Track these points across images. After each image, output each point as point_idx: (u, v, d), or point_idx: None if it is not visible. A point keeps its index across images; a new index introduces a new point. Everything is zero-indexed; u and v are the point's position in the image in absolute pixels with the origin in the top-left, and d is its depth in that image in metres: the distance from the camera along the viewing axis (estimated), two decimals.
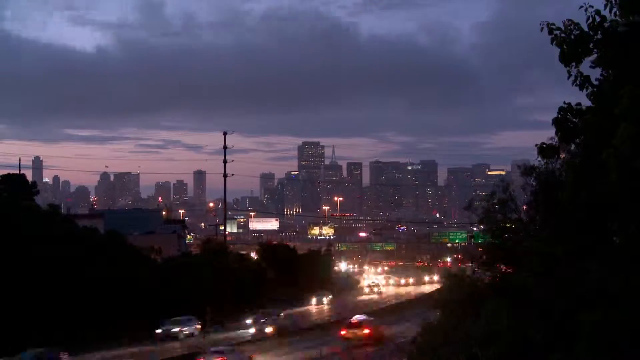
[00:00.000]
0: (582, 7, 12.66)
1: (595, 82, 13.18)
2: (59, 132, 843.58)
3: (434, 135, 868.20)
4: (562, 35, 12.75)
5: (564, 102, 13.75)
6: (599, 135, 12.83)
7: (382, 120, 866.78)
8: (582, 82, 12.93)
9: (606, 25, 12.56)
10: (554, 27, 12.89)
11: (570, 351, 16.06)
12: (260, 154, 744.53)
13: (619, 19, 12.57)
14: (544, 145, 14.79)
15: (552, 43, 12.86)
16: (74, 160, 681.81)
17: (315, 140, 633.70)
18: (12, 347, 52.22)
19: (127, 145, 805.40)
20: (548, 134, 15.27)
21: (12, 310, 56.94)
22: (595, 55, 12.91)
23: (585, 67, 13.06)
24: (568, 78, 12.83)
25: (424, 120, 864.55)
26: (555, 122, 13.76)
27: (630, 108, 11.16)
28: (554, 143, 15.03)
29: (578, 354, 15.29)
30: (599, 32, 12.56)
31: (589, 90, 13.08)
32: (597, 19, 12.59)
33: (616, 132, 11.43)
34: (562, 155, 17.61)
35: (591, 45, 12.69)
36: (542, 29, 12.87)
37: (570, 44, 12.63)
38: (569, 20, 12.86)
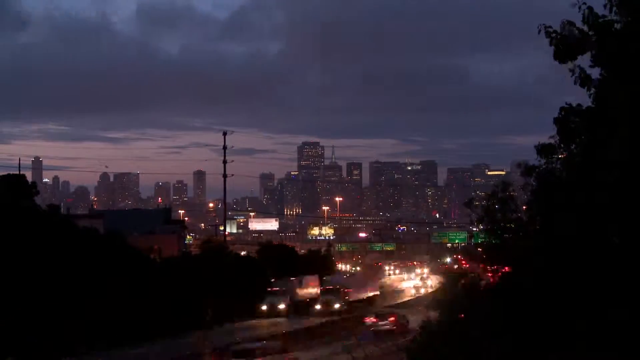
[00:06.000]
0: (575, 4, 12.57)
1: (595, 81, 13.14)
2: (90, 132, 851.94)
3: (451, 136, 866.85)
4: (558, 37, 12.70)
5: (565, 102, 13.73)
6: (599, 135, 12.81)
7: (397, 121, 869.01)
8: (584, 80, 12.87)
9: (600, 22, 12.49)
10: (550, 29, 12.84)
11: (570, 351, 16.06)
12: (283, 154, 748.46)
13: (614, 17, 12.50)
14: (544, 145, 14.78)
15: (550, 44, 12.80)
16: (87, 161, 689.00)
17: (316, 140, 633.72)
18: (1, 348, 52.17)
19: (152, 145, 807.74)
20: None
21: (10, 311, 56.91)
22: (589, 53, 12.84)
23: (586, 65, 13.02)
24: (571, 76, 12.78)
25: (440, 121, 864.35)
26: (557, 121, 13.74)
27: (629, 107, 11.14)
28: (555, 142, 15.01)
29: (578, 354, 15.29)
30: (594, 30, 12.49)
31: (590, 90, 13.03)
32: (591, 18, 12.51)
33: (616, 131, 11.42)
34: (563, 155, 17.60)
35: (586, 43, 12.63)
36: (539, 32, 12.83)
37: (565, 43, 12.56)
38: (566, 20, 12.80)
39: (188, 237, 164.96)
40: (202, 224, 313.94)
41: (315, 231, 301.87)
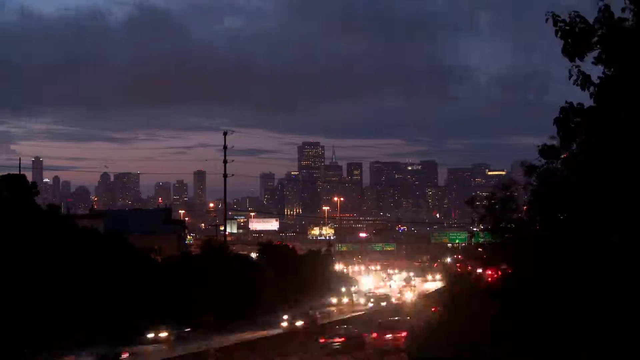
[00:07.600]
0: None
1: (597, 81, 13.07)
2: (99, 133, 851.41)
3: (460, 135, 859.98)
4: (567, 27, 12.59)
5: (566, 102, 13.67)
6: (600, 134, 12.77)
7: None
8: (583, 81, 12.82)
9: (613, 20, 12.39)
10: (559, 18, 12.73)
11: (571, 350, 16.05)
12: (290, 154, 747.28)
13: (627, 15, 12.41)
14: (545, 146, 14.73)
15: (556, 35, 12.70)
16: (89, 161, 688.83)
17: (316, 140, 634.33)
18: (5, 348, 52.16)
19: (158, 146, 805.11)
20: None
21: (10, 311, 56.87)
22: (597, 52, 12.76)
23: (586, 66, 12.95)
24: (570, 77, 12.72)
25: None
26: (557, 121, 13.69)
27: (633, 102, 11.08)
28: (556, 143, 14.97)
29: (579, 353, 15.28)
30: (604, 27, 12.40)
31: (590, 90, 12.97)
32: (606, 14, 12.42)
33: (617, 130, 11.37)
34: (564, 155, 17.57)
35: (595, 39, 12.53)
36: (547, 20, 12.70)
37: (574, 36, 12.46)
38: (575, 12, 12.69)
39: (188, 237, 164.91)
40: (203, 224, 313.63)
41: (316, 231, 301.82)
